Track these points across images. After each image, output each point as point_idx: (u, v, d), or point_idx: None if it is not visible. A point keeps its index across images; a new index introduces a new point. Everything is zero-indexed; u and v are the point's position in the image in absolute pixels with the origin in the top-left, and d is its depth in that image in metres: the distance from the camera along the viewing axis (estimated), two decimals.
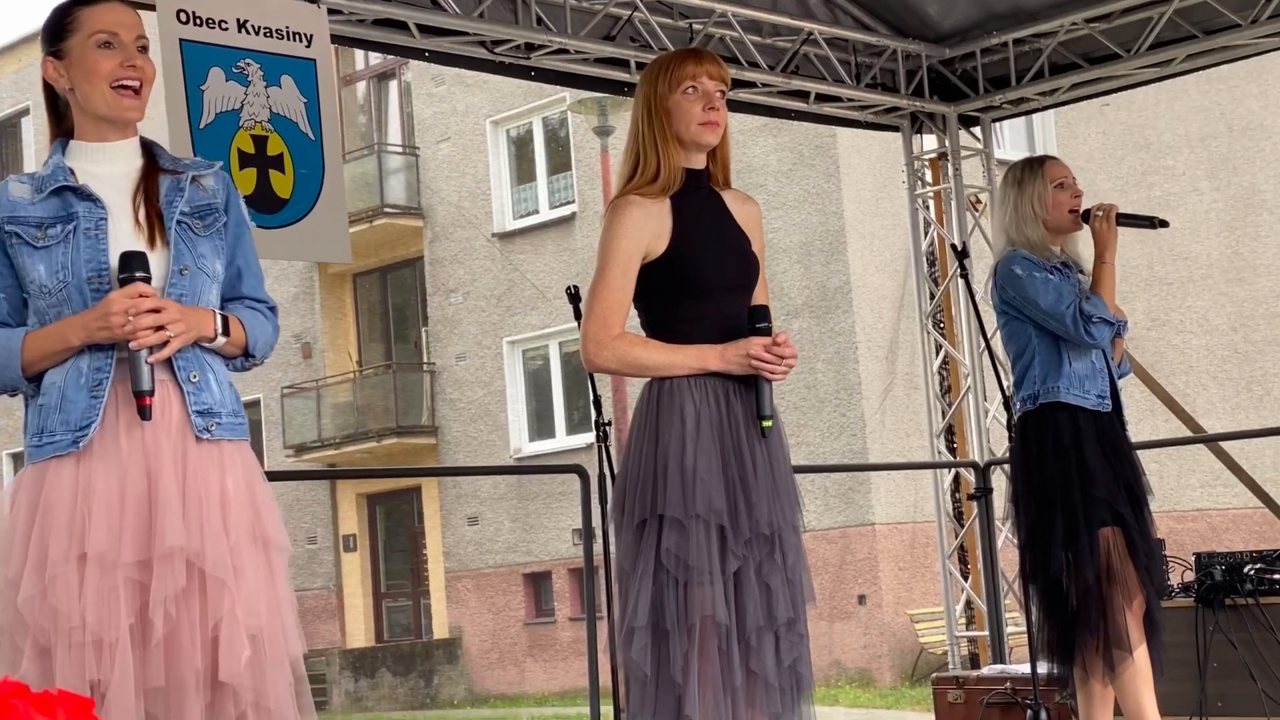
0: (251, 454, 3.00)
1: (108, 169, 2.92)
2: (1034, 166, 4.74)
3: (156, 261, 2.86)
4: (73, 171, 2.90)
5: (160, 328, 2.78)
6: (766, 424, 3.34)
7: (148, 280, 2.81)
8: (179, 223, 2.91)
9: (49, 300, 2.84)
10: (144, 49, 2.93)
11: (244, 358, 3.01)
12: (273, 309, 3.08)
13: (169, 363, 2.84)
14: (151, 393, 2.79)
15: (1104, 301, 4.58)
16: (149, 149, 2.99)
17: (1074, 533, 4.48)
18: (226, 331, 2.93)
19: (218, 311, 2.93)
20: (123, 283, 2.79)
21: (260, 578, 2.84)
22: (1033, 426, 4.64)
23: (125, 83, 2.89)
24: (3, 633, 2.77)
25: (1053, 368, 4.60)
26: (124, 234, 2.87)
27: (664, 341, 3.38)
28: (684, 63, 3.43)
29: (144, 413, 2.79)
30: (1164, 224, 4.82)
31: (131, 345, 2.77)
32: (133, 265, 2.80)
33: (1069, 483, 4.52)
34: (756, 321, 3.36)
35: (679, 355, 3.33)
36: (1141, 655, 4.49)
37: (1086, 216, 4.73)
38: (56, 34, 2.93)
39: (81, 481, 2.76)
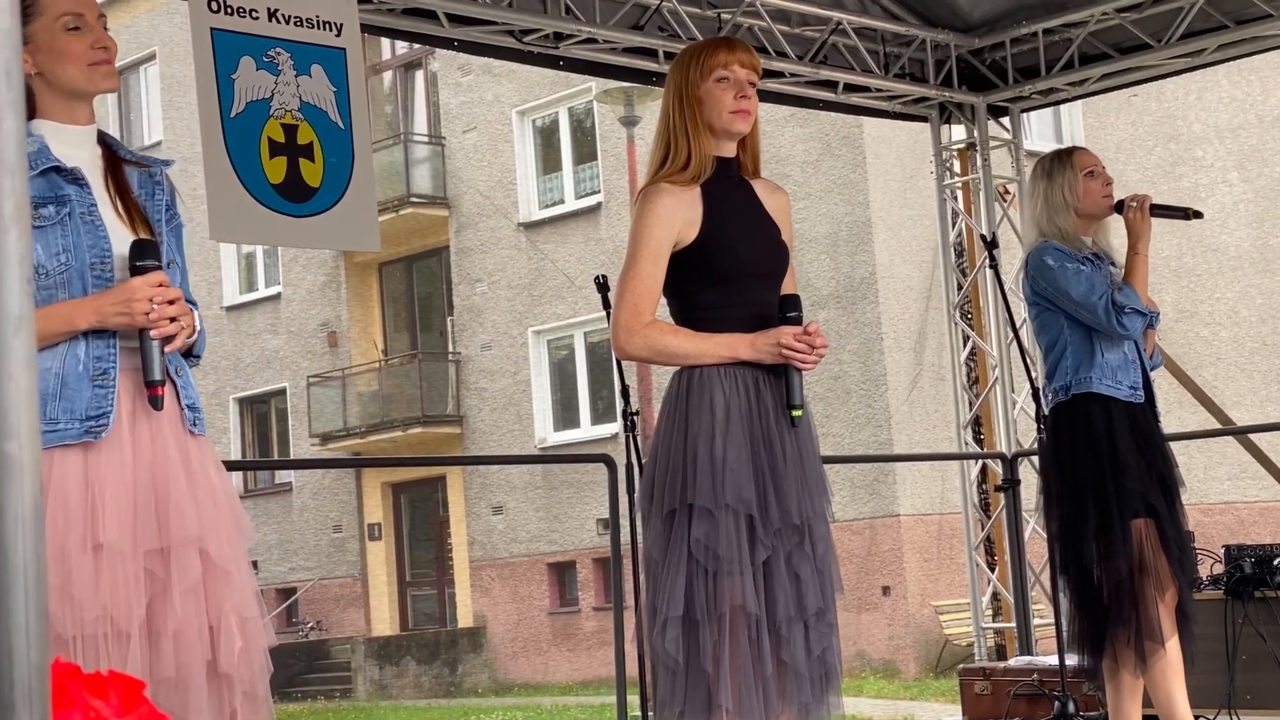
0: (229, 448, 3.04)
1: (77, 152, 2.89)
2: (1063, 157, 4.72)
3: None
4: (51, 152, 2.86)
5: (174, 319, 2.80)
6: (796, 413, 3.34)
7: (162, 270, 2.82)
8: (163, 219, 2.93)
9: (44, 283, 2.78)
10: (105, 27, 2.92)
11: (188, 358, 3.00)
12: (198, 309, 3.07)
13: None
14: (163, 383, 2.80)
15: (1136, 292, 4.56)
16: (104, 139, 2.98)
17: (1106, 524, 4.47)
18: (200, 330, 2.97)
19: (193, 310, 2.94)
20: (137, 271, 2.78)
21: (245, 568, 2.87)
22: (1065, 417, 4.63)
23: (98, 60, 2.88)
24: None
25: (1085, 358, 4.58)
26: (112, 222, 2.86)
27: (694, 330, 3.38)
28: (716, 51, 3.42)
29: (156, 402, 2.79)
30: (1198, 215, 4.80)
31: (153, 334, 2.77)
32: (148, 254, 2.80)
33: (1101, 473, 4.50)
34: (787, 311, 3.36)
35: (709, 344, 3.33)
36: (1173, 647, 4.47)
37: (1120, 207, 4.71)
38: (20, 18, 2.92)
39: (91, 471, 2.74)
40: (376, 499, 22.59)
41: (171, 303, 2.79)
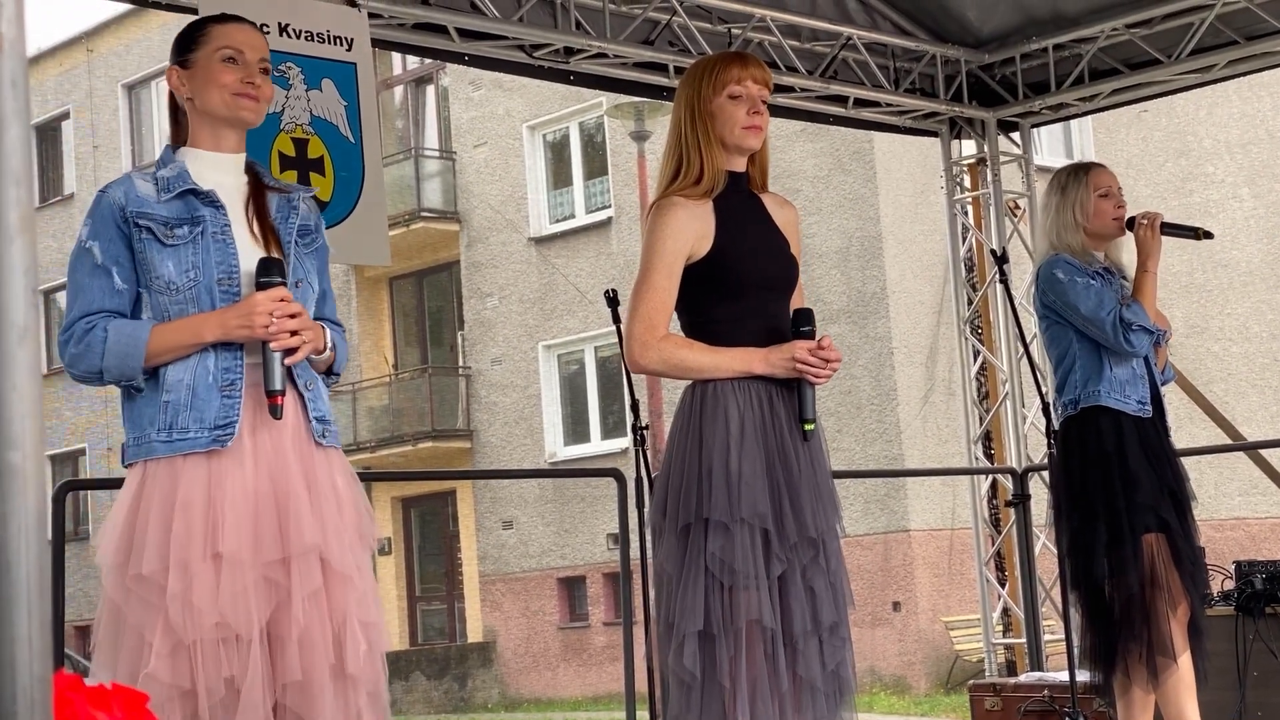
0: (348, 461, 3.14)
1: (221, 178, 3.04)
2: (1079, 173, 4.71)
3: None
4: (191, 175, 3.02)
5: (295, 333, 2.91)
6: (809, 427, 3.34)
7: (285, 286, 2.94)
8: (294, 240, 3.06)
9: (175, 298, 2.93)
10: (266, 71, 3.08)
11: (327, 375, 3.12)
12: (344, 331, 3.21)
13: (289, 370, 2.95)
14: (283, 393, 2.90)
15: (1144, 309, 4.56)
16: (252, 167, 3.13)
17: (1117, 539, 4.46)
18: (333, 347, 3.07)
19: (325, 328, 3.06)
20: (262, 286, 2.90)
21: (367, 574, 2.98)
22: (1074, 431, 4.62)
23: (244, 93, 3.03)
24: (129, 628, 2.83)
25: (1094, 373, 4.57)
26: (245, 242, 2.99)
27: (705, 343, 3.38)
28: (729, 66, 3.43)
29: (275, 412, 2.89)
30: (1208, 235, 4.78)
31: (272, 346, 2.88)
32: (272, 270, 2.93)
33: (1111, 488, 4.49)
34: (801, 325, 3.36)
35: (724, 358, 3.33)
36: (1185, 663, 4.46)
37: (1131, 224, 4.70)
38: (186, 45, 3.09)
39: (214, 480, 2.84)
40: (386, 513, 22.60)
41: (293, 316, 2.89)
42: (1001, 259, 5.36)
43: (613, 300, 5.35)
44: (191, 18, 5.74)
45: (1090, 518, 4.52)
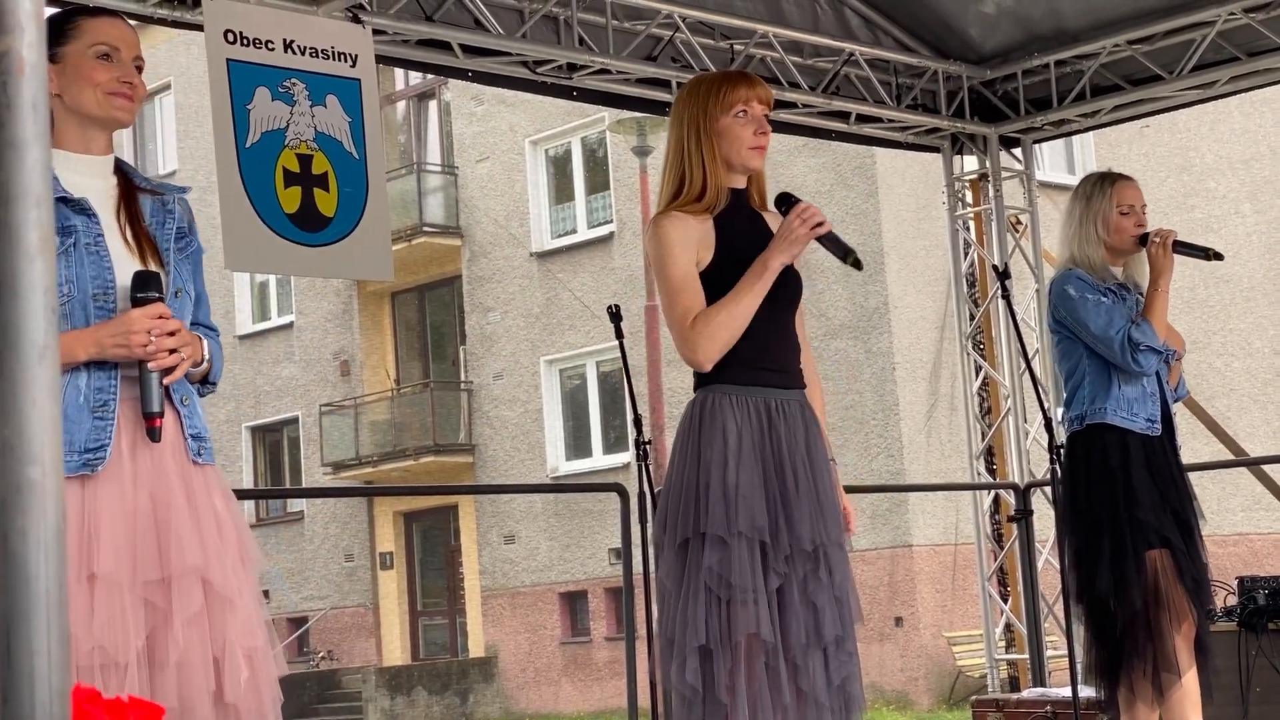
0: (234, 477, 3.01)
1: (90, 183, 2.87)
2: (1104, 186, 4.67)
3: None
4: (59, 181, 2.83)
5: (173, 350, 2.78)
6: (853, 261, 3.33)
7: (163, 300, 2.80)
8: (172, 246, 2.92)
9: None
10: (140, 69, 2.93)
11: (203, 384, 2.99)
12: (218, 335, 3.06)
13: (166, 388, 2.82)
14: (162, 414, 2.78)
15: (1153, 328, 4.53)
16: (120, 167, 2.97)
17: (1120, 555, 4.45)
18: (210, 358, 2.94)
19: (202, 338, 2.92)
20: (139, 302, 2.76)
21: (251, 598, 2.85)
22: (1080, 447, 4.61)
23: (119, 92, 2.88)
24: None
25: (1102, 389, 4.56)
26: (118, 252, 2.84)
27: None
28: (737, 86, 3.45)
29: (154, 434, 2.77)
30: (1218, 257, 4.76)
31: (151, 366, 2.76)
32: (150, 285, 2.78)
33: (1115, 504, 4.49)
34: (780, 205, 3.39)
35: (745, 283, 3.32)
36: (1190, 679, 4.45)
37: (1144, 241, 4.68)
38: (53, 38, 2.87)
39: (88, 504, 2.71)
40: (388, 528, 22.59)
41: (172, 334, 2.77)
42: (1003, 274, 5.36)
43: (616, 315, 5.35)
44: (198, 33, 5.77)
45: (1094, 533, 4.52)
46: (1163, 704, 4.46)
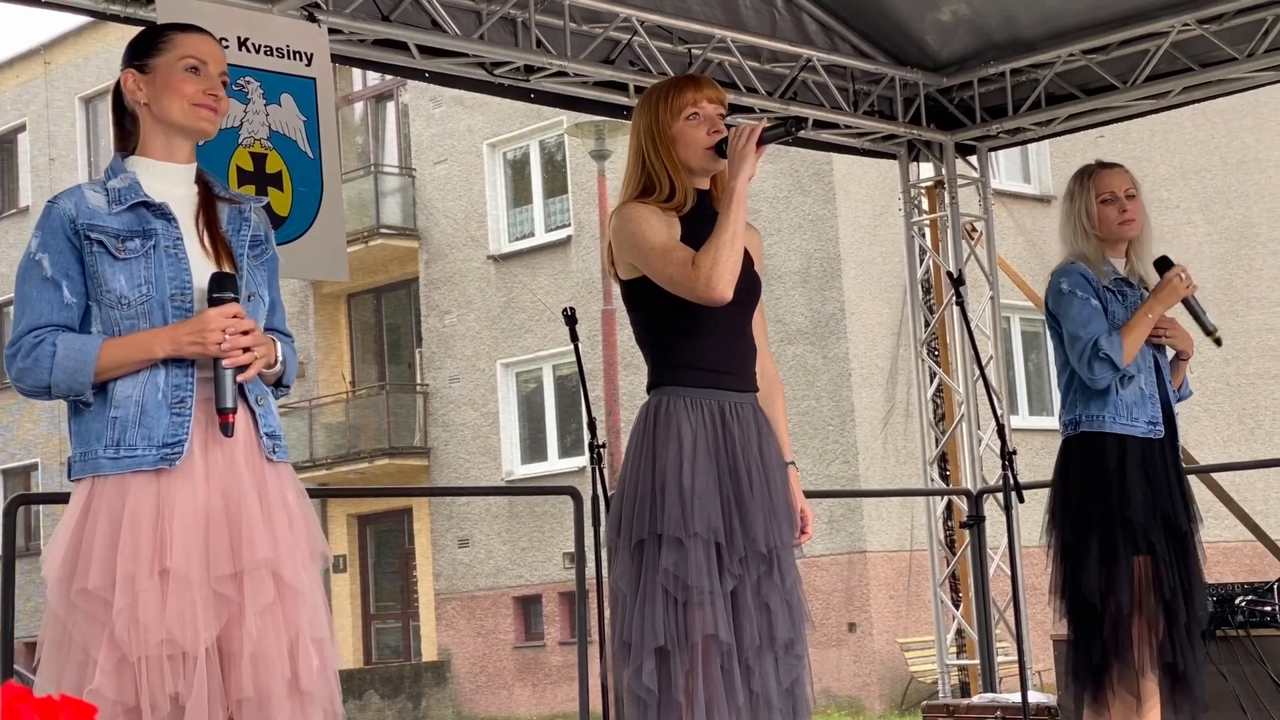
0: (297, 476, 3.11)
1: (172, 189, 2.99)
2: (1083, 179, 4.60)
3: None
4: (142, 187, 2.98)
5: (247, 349, 2.88)
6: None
7: (238, 302, 2.90)
8: (247, 253, 3.03)
9: (126, 312, 2.89)
10: (225, 84, 3.06)
11: (277, 387, 3.09)
12: (293, 342, 3.17)
13: (240, 385, 2.92)
14: (235, 410, 2.87)
15: (1124, 345, 4.43)
16: (202, 177, 3.08)
17: (1110, 555, 4.38)
18: (283, 360, 3.04)
19: (275, 340, 3.02)
20: (215, 302, 2.87)
21: (317, 590, 2.95)
22: (1075, 450, 4.52)
23: (205, 104, 3.01)
24: (72, 643, 2.79)
25: (1097, 393, 4.47)
26: (196, 256, 2.95)
27: (665, 359, 3.39)
28: (683, 90, 3.45)
29: (227, 429, 2.86)
30: (1218, 342, 4.70)
31: (224, 363, 2.85)
32: (225, 286, 2.89)
33: (1107, 505, 4.39)
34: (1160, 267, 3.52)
35: (723, 213, 3.30)
36: (1150, 689, 4.42)
37: (1165, 264, 4.59)
38: (145, 50, 3.05)
39: (163, 497, 2.81)
40: (342, 530, 22.48)
41: (246, 333, 2.86)
42: (958, 281, 5.37)
43: (571, 318, 5.34)
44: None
45: (1083, 532, 4.44)
46: (1139, 709, 4.42)
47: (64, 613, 2.79)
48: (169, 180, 3.00)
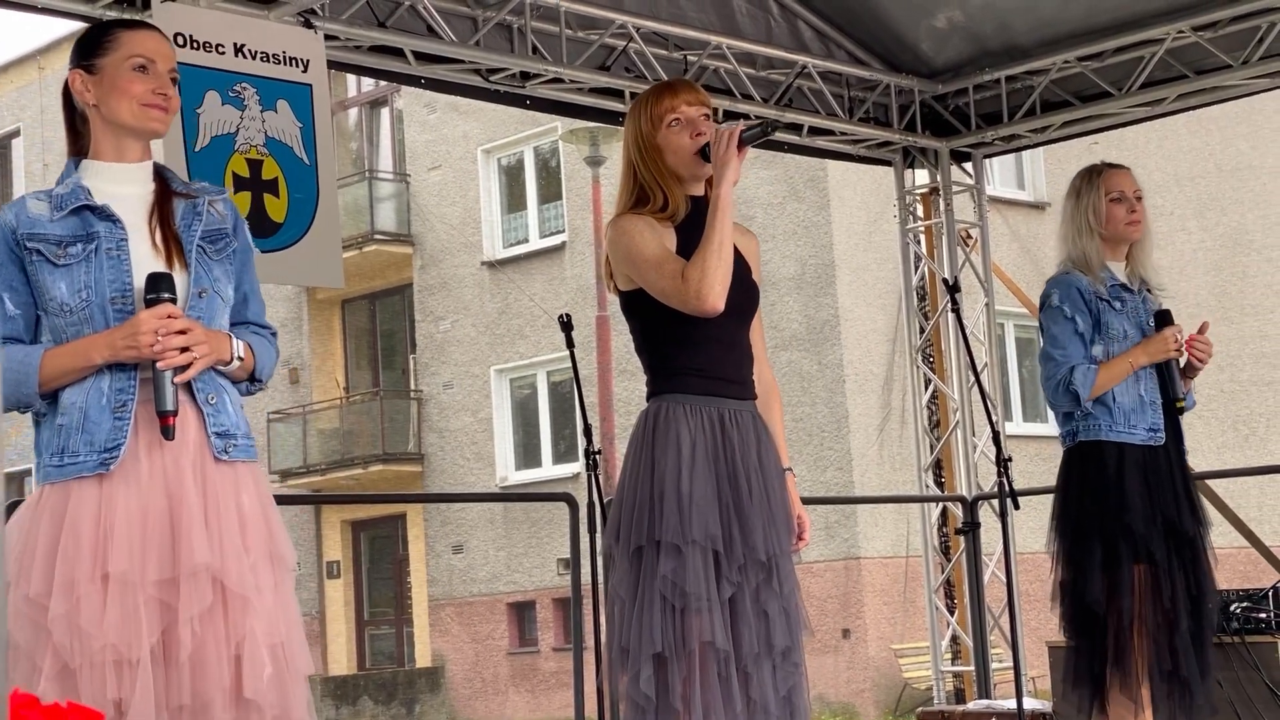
0: (263, 475, 3.04)
1: (124, 190, 2.95)
2: (1092, 177, 4.56)
3: (177, 283, 2.89)
4: (89, 191, 2.93)
5: (186, 349, 2.82)
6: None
7: (174, 301, 2.85)
8: (197, 246, 2.96)
9: (69, 319, 2.85)
10: (175, 81, 3.01)
11: (250, 382, 3.03)
12: (274, 334, 3.12)
13: (188, 385, 2.87)
14: (175, 413, 2.82)
15: (1097, 383, 4.39)
16: (160, 173, 3.04)
17: (1114, 562, 4.35)
18: (241, 356, 2.97)
19: (233, 336, 2.96)
20: (150, 303, 2.82)
21: (276, 595, 2.89)
22: (1076, 459, 4.49)
23: (154, 104, 2.96)
24: (18, 650, 2.77)
25: (1098, 401, 4.43)
26: (144, 255, 2.90)
27: (662, 364, 3.39)
28: (661, 97, 3.46)
29: (167, 432, 2.82)
30: (1180, 411, 4.58)
31: (159, 365, 2.80)
32: (160, 286, 2.83)
33: (1106, 512, 4.36)
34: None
35: (710, 222, 3.30)
36: (1147, 697, 4.40)
37: (1165, 319, 4.54)
38: (92, 49, 2.98)
39: (104, 502, 2.78)
40: (336, 536, 22.45)
41: (181, 333, 2.81)
42: (953, 288, 5.37)
43: (566, 324, 5.33)
44: None
45: (1084, 538, 4.41)
46: (1139, 715, 4.41)
47: (10, 621, 2.75)
48: (120, 181, 2.95)
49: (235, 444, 2.92)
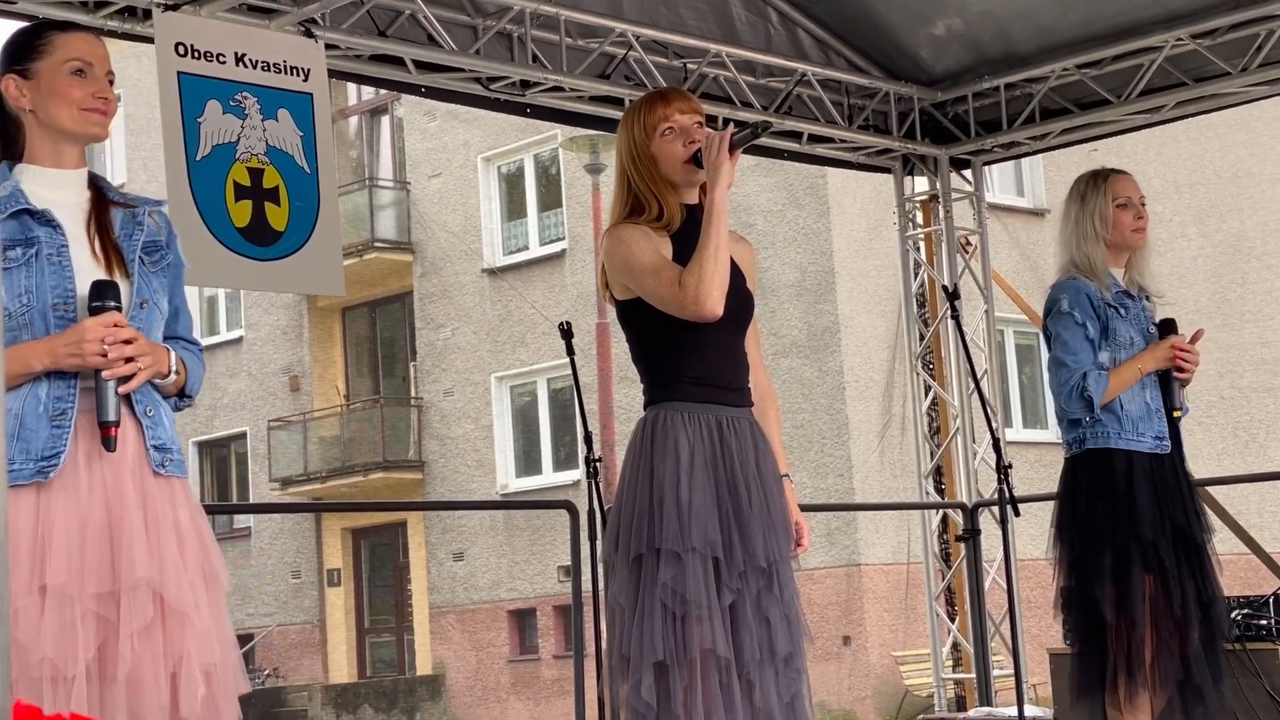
0: (192, 491, 2.98)
1: (61, 196, 2.88)
2: (1098, 181, 4.55)
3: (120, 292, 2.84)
4: (26, 195, 2.85)
5: (131, 359, 2.77)
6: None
7: (120, 310, 2.79)
8: (138, 257, 2.91)
9: (8, 324, 2.77)
10: (111, 83, 2.94)
11: (179, 398, 2.97)
12: (201, 350, 3.06)
13: (127, 397, 2.81)
14: (117, 424, 2.76)
15: (1107, 389, 4.38)
16: (95, 182, 2.98)
17: (1120, 573, 4.33)
18: (177, 370, 2.92)
19: (170, 349, 2.91)
20: (94, 311, 2.76)
21: (211, 613, 2.82)
22: (1083, 466, 4.45)
23: (94, 108, 2.90)
24: None
25: (1106, 409, 4.40)
26: (84, 263, 2.84)
27: (659, 372, 3.39)
28: (653, 107, 3.46)
29: (109, 444, 2.76)
30: (1175, 420, 4.58)
31: (104, 375, 2.75)
32: (106, 294, 2.78)
33: (1116, 519, 4.34)
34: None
35: (705, 227, 3.29)
36: (1155, 704, 4.38)
37: (1169, 328, 4.55)
38: (26, 53, 2.90)
39: (42, 512, 2.70)
40: (336, 544, 22.45)
41: (128, 342, 2.76)
42: (953, 295, 5.37)
43: (567, 332, 5.35)
44: (148, 45, 5.73)
45: (1093, 545, 4.37)
46: None
47: None
48: (57, 187, 2.89)
49: (171, 458, 2.87)
